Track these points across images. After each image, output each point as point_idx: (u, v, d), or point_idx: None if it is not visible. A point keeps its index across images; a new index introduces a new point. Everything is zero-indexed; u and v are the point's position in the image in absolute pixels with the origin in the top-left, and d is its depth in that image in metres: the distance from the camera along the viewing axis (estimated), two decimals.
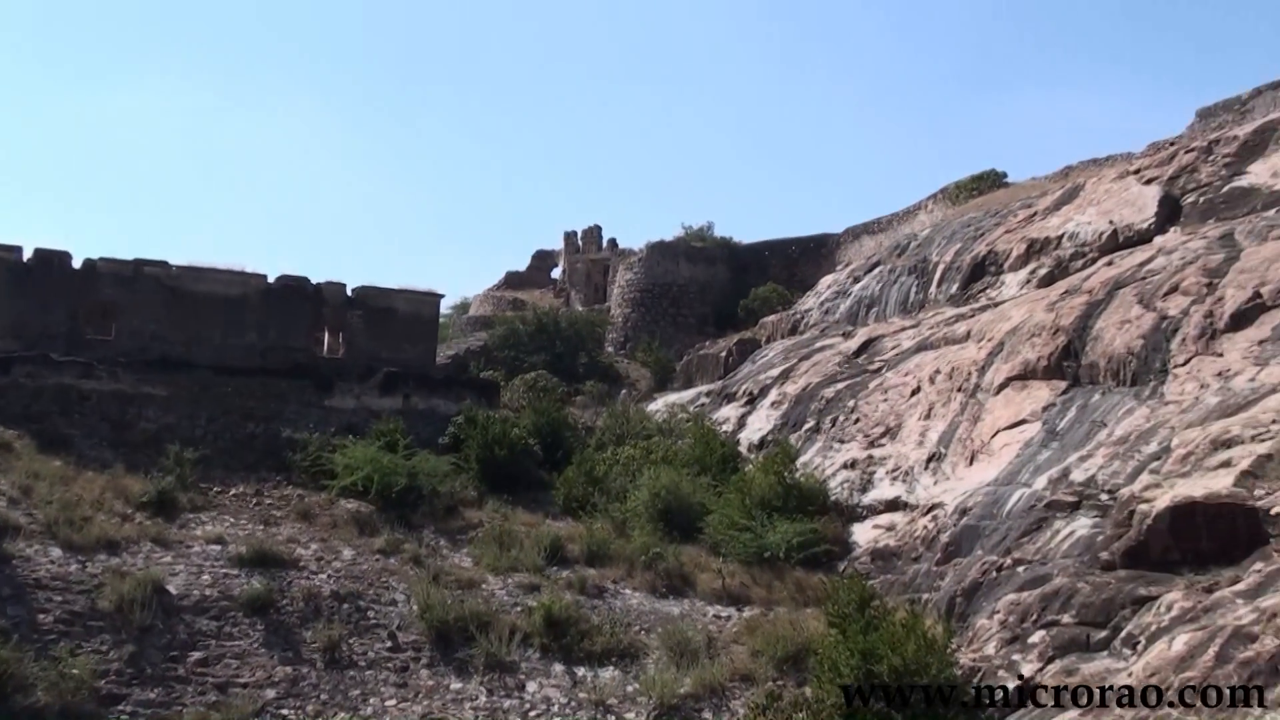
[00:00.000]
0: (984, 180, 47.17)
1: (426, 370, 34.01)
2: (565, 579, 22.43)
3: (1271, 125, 30.64)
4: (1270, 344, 19.63)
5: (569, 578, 22.49)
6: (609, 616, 20.92)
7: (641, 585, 22.60)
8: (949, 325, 30.39)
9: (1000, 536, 19.25)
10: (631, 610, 21.50)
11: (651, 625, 20.79)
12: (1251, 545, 14.33)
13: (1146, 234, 29.50)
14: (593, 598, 21.79)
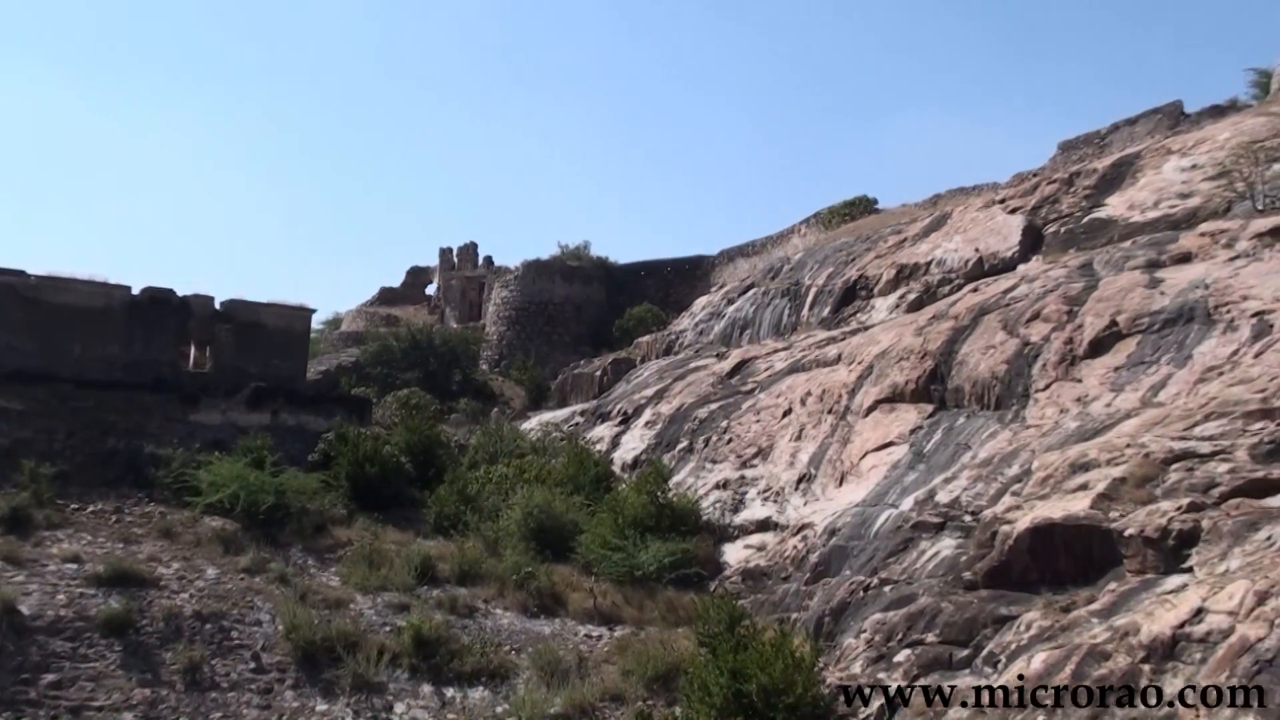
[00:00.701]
0: (856, 206, 48.19)
1: (296, 386, 33.31)
2: (436, 598, 22.11)
3: (1128, 159, 31.87)
4: (1125, 371, 20.33)
5: (439, 597, 22.17)
6: (479, 636, 20.66)
7: (513, 605, 22.39)
8: (820, 348, 30.86)
9: (868, 557, 19.53)
10: (502, 630, 21.27)
11: (522, 645, 20.59)
12: (1106, 566, 14.76)
13: (1011, 262, 30.39)
14: (463, 617, 21.49)
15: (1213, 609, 11.58)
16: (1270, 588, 11.14)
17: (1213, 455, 15.22)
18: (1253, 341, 18.59)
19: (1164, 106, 38.06)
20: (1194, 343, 19.72)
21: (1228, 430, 15.66)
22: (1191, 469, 15.15)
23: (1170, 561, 13.85)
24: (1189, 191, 28.00)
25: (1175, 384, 18.88)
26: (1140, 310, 21.46)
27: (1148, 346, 20.53)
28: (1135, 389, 19.51)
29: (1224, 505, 14.04)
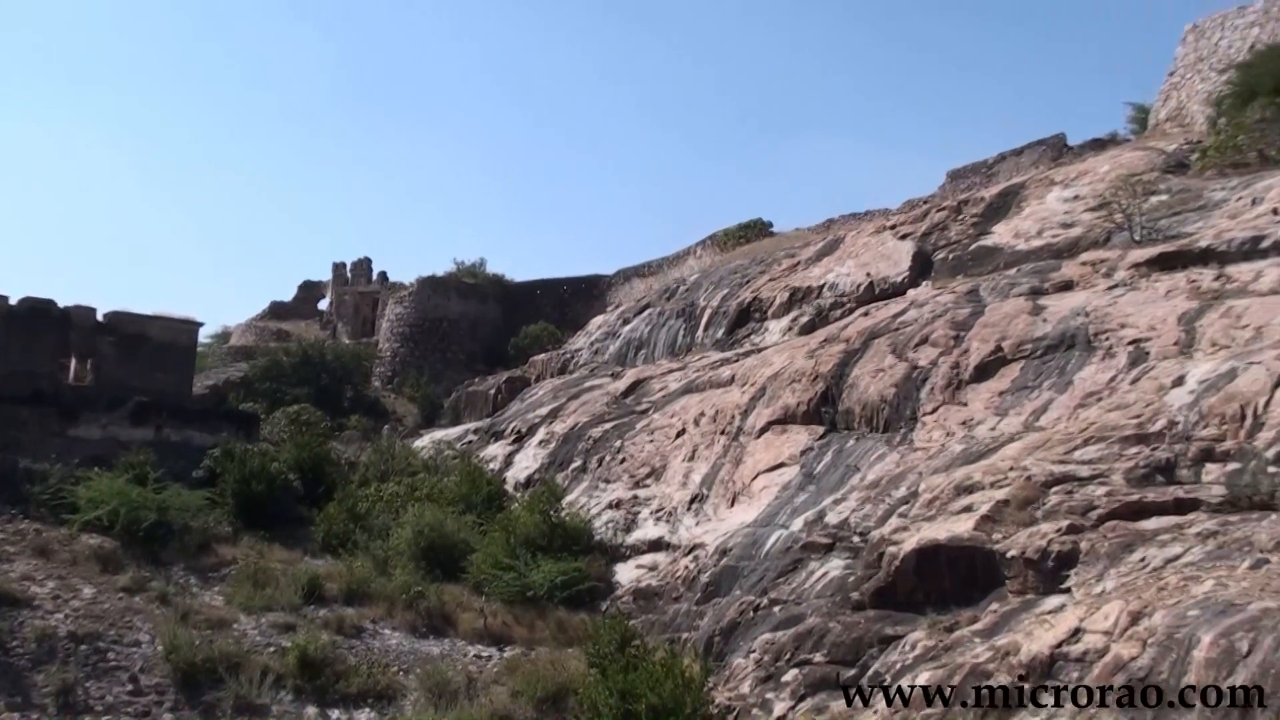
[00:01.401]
0: (751, 229, 48.69)
1: (182, 401, 32.53)
2: (323, 618, 21.71)
3: (1014, 189, 32.75)
4: (1010, 395, 20.82)
5: (326, 617, 21.78)
6: (366, 657, 20.34)
7: (402, 625, 22.09)
8: (714, 369, 31.08)
9: (758, 577, 19.67)
10: (390, 650, 20.96)
11: (410, 665, 20.31)
12: (989, 586, 15.07)
13: (901, 287, 30.97)
14: (350, 637, 21.14)
15: (1089, 629, 11.87)
16: (1143, 608, 11.47)
17: (1091, 479, 15.66)
18: (1129, 369, 19.19)
19: (1048, 139, 39.24)
20: (1074, 369, 20.29)
21: (1105, 454, 16.13)
22: (1071, 492, 15.57)
23: (1050, 582, 14.20)
24: (1071, 221, 28.85)
25: (1056, 409, 19.40)
26: (1024, 336, 22.02)
27: (1031, 372, 21.07)
28: (1018, 413, 20.00)
29: (1101, 528, 14.46)
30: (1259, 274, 20.74)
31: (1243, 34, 35.24)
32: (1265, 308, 18.92)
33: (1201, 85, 35.86)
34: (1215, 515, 13.84)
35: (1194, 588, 11.59)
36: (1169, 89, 37.79)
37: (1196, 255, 22.79)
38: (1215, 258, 22.34)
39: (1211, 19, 37.03)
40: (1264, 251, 21.70)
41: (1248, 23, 35.36)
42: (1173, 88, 37.59)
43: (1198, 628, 10.44)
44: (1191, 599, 11.22)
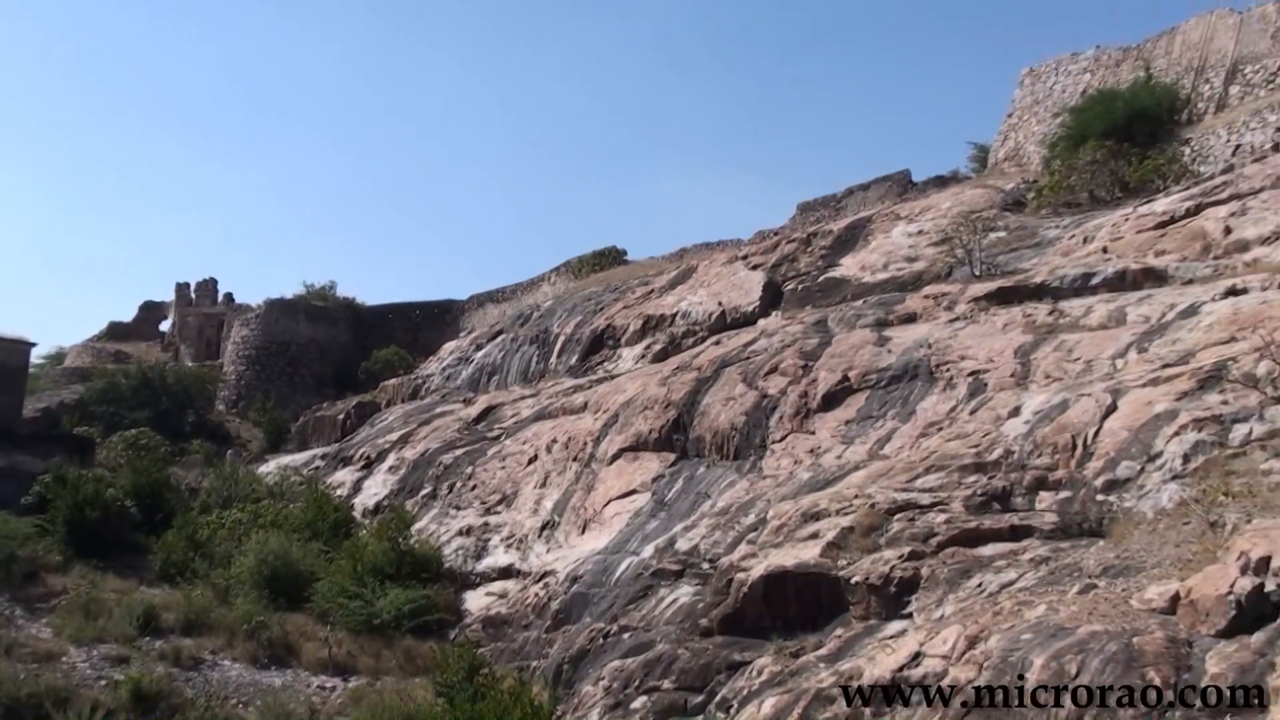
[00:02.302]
0: (605, 256, 48.99)
1: (11, 424, 31.23)
2: (159, 650, 20.94)
3: (861, 223, 33.66)
4: (855, 424, 21.31)
5: (163, 648, 21.01)
6: (205, 689, 19.66)
7: (242, 655, 21.44)
8: (567, 395, 31.09)
9: (608, 604, 19.66)
10: (230, 682, 20.30)
11: (251, 698, 19.69)
12: (834, 612, 15.32)
13: (752, 316, 31.48)
14: (188, 669, 20.42)
15: (929, 653, 12.14)
16: (980, 632, 11.78)
17: (932, 506, 16.06)
18: (969, 399, 19.82)
19: (894, 174, 40.47)
20: (917, 399, 20.87)
21: (945, 483, 16.58)
22: (913, 519, 15.94)
23: (892, 608, 14.50)
24: (915, 255, 29.74)
25: (900, 438, 19.91)
26: (870, 367, 22.57)
27: (876, 402, 21.60)
28: (864, 442, 20.46)
29: (941, 554, 14.83)
30: (1089, 309, 21.66)
31: (1075, 79, 36.94)
32: (1095, 342, 19.76)
33: (1037, 127, 37.43)
34: (1047, 542, 14.32)
35: (1027, 612, 11.95)
36: (1007, 130, 39.35)
37: (1032, 290, 23.69)
38: (1049, 293, 23.27)
39: (1046, 64, 38.75)
40: (1094, 288, 22.70)
41: (1080, 69, 37.08)
42: (1011, 129, 39.16)
43: (1030, 651, 10.76)
44: (1025, 623, 11.57)
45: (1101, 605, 11.45)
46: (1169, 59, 33.86)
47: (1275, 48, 30.52)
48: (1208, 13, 33.45)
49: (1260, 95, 30.08)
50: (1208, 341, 17.52)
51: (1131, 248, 24.02)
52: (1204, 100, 32.00)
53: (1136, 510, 13.98)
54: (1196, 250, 22.76)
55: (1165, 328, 19.23)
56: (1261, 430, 13.90)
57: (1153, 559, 12.35)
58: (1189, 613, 10.64)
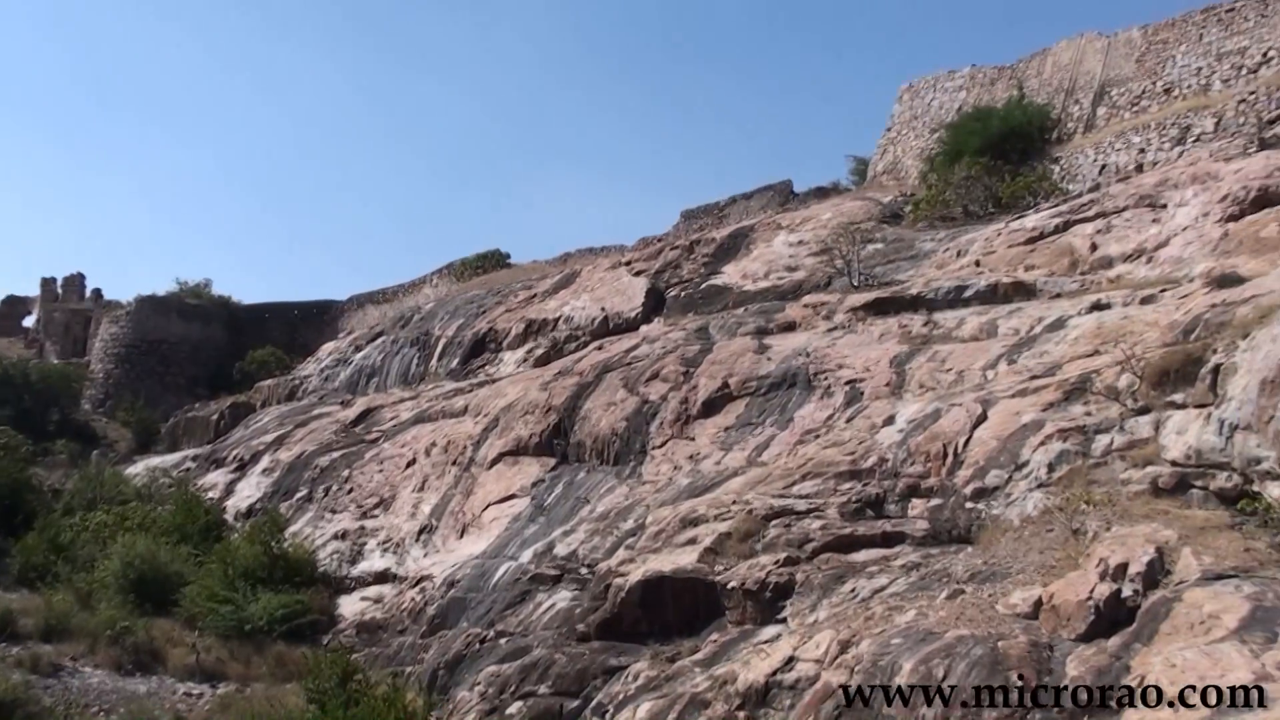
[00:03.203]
0: (489, 259, 48.77)
1: None
2: (15, 656, 20.17)
3: (744, 231, 34.05)
4: (735, 431, 21.53)
5: (20, 655, 20.24)
6: (64, 697, 18.95)
7: (105, 662, 20.76)
8: (448, 399, 30.83)
9: (485, 609, 19.54)
10: (91, 690, 19.64)
11: (113, 705, 19.08)
12: (710, 617, 15.44)
13: (634, 322, 31.62)
14: (47, 677, 19.70)
15: (802, 657, 12.32)
16: (852, 637, 12.00)
17: (808, 513, 16.30)
18: (845, 407, 20.18)
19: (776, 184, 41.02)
20: (795, 407, 21.18)
21: (821, 489, 16.84)
22: (789, 525, 16.15)
23: (767, 612, 14.68)
24: (796, 265, 30.18)
25: (778, 445, 20.18)
26: (749, 374, 22.82)
27: (755, 409, 21.86)
28: (743, 448, 20.69)
29: (816, 559, 15.07)
30: (962, 321, 22.21)
31: (952, 96, 37.88)
32: (967, 353, 20.27)
33: (915, 142, 38.28)
34: (919, 548, 14.65)
35: (898, 617, 12.21)
36: (886, 143, 40.16)
37: (908, 302, 24.21)
38: (925, 304, 23.80)
39: (924, 80, 39.66)
40: (967, 300, 23.29)
41: (956, 86, 38.04)
42: (890, 142, 39.98)
43: (900, 655, 10.99)
44: (895, 628, 11.81)
45: (969, 610, 11.75)
46: (1041, 79, 34.91)
47: (1140, 72, 31.68)
48: (1078, 35, 34.59)
49: (1125, 117, 31.19)
50: (1073, 354, 18.09)
51: (1003, 262, 24.71)
52: (1073, 120, 33.06)
53: (1004, 518, 14.37)
54: (1064, 266, 23.50)
55: (1034, 340, 19.81)
56: (1122, 441, 14.40)
57: (1018, 565, 12.70)
58: (1051, 617, 10.97)
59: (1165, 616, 9.92)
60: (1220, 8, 30.07)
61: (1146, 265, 22.00)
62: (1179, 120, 28.36)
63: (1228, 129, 26.35)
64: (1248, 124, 25.55)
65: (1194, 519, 11.97)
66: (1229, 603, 9.63)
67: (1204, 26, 30.32)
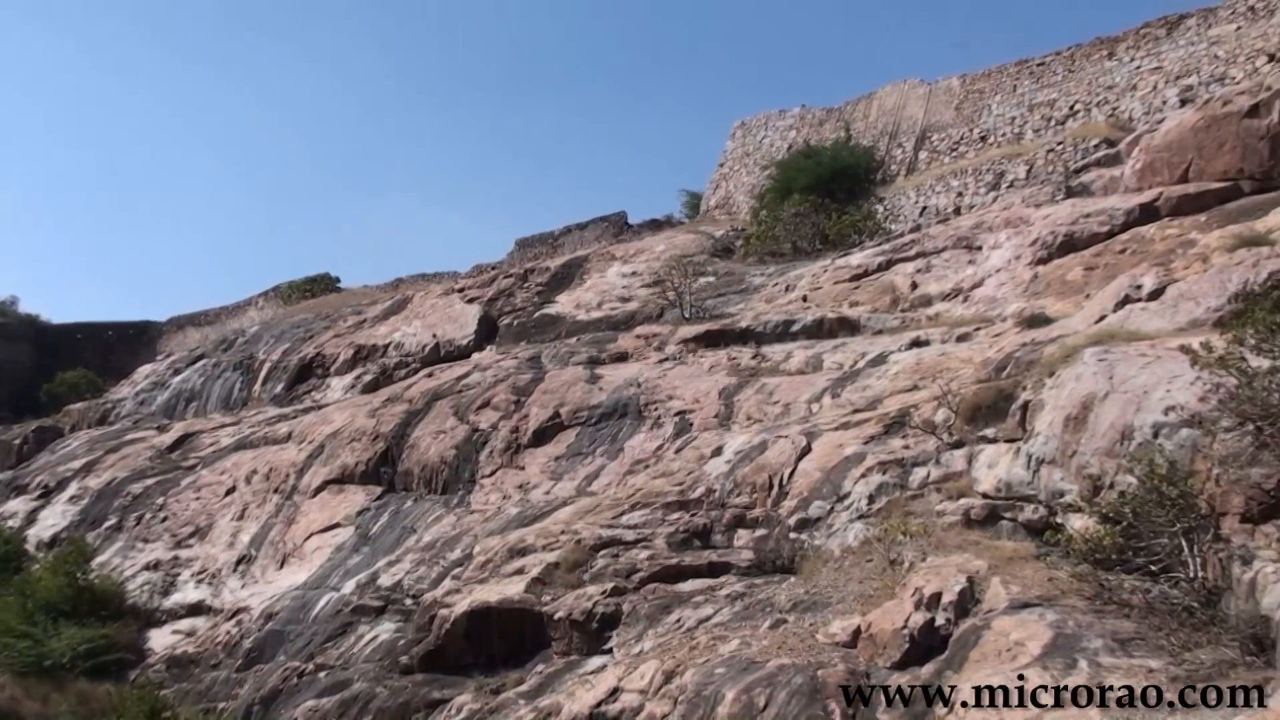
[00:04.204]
0: (318, 283, 47.78)
1: None
2: None
3: (578, 261, 34.19)
4: (565, 460, 21.51)
5: None
6: None
7: None
8: (271, 425, 29.99)
9: (305, 641, 19.02)
10: None
11: None
12: (537, 648, 15.38)
13: (466, 350, 31.35)
14: None
15: (627, 688, 12.34)
16: (676, 667, 12.07)
17: (636, 543, 16.38)
18: (675, 438, 20.37)
19: (610, 216, 41.35)
20: (626, 437, 21.29)
21: (650, 519, 16.94)
22: (617, 555, 16.20)
23: (594, 643, 14.68)
24: (629, 296, 30.42)
25: (608, 475, 20.24)
26: (581, 404, 22.86)
27: (586, 438, 21.89)
28: (572, 478, 20.68)
29: (643, 590, 15.15)
30: (789, 354, 22.70)
31: (783, 135, 38.84)
32: (793, 386, 20.71)
33: (747, 178, 39.09)
34: (744, 578, 14.86)
35: (722, 646, 12.34)
36: (719, 179, 40.90)
37: (738, 335, 24.63)
38: (754, 337, 24.26)
39: (757, 118, 40.59)
40: (794, 334, 23.84)
41: (787, 125, 39.03)
42: (722, 178, 40.73)
43: (723, 685, 11.11)
44: (719, 657, 11.94)
45: (790, 640, 11.95)
46: (867, 122, 36.08)
47: (959, 119, 33.03)
48: (901, 81, 35.90)
49: (945, 162, 32.46)
50: (894, 389, 18.66)
51: (829, 298, 25.37)
52: (897, 163, 34.24)
53: (825, 548, 14.69)
54: (887, 303, 24.26)
55: (857, 375, 20.36)
56: (938, 474, 14.89)
57: (838, 595, 13.00)
58: (869, 646, 11.24)
59: (975, 644, 10.27)
60: (1032, 61, 31.64)
61: (963, 304, 22.87)
62: (994, 166, 29.66)
63: (1038, 176, 27.66)
64: (1056, 172, 26.87)
65: (1003, 549, 12.44)
66: (1033, 630, 10.02)
67: (1017, 78, 31.84)
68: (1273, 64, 25.07)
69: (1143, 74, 28.58)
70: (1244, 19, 26.67)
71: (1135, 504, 10.69)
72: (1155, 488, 10.51)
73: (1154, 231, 20.87)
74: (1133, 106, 28.29)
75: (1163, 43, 28.43)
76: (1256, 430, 10.65)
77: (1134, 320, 15.95)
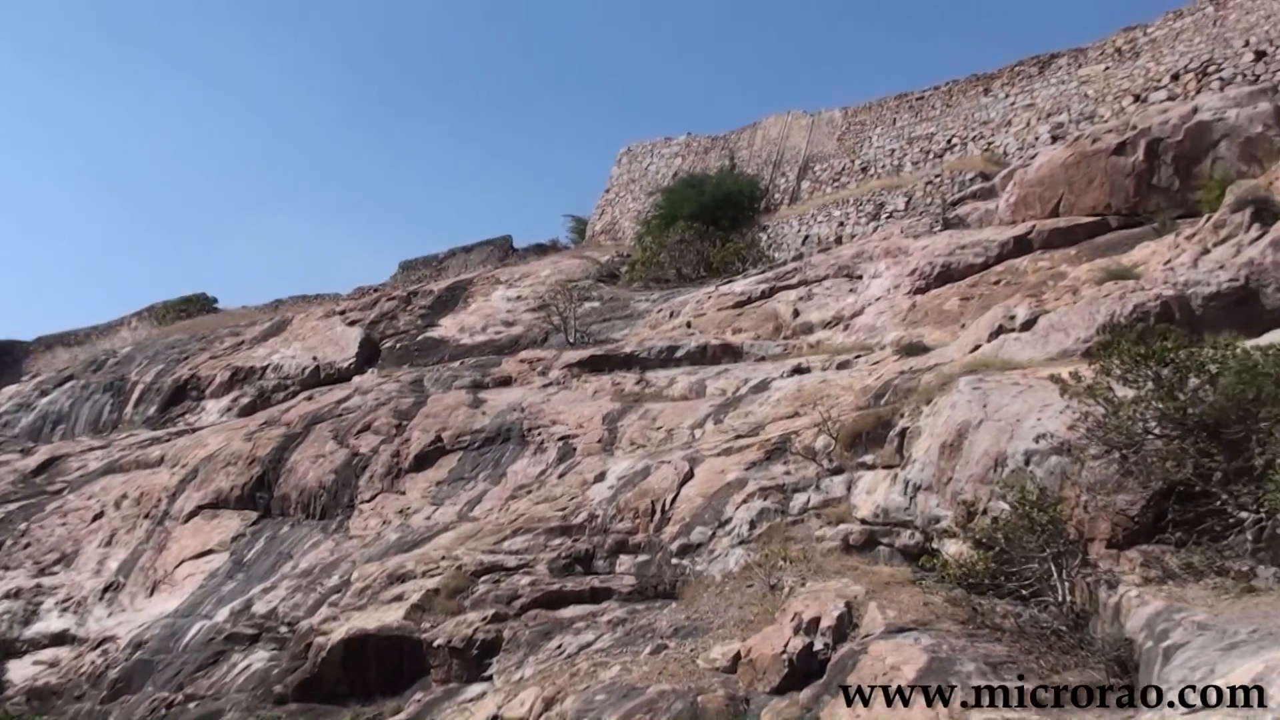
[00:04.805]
0: (194, 303, 46.72)
1: None
2: None
3: (462, 284, 33.99)
4: (447, 485, 21.28)
5: None
6: None
7: None
8: (143, 448, 29.14)
9: (175, 671, 18.46)
10: None
11: None
12: (415, 676, 15.12)
13: (347, 372, 30.87)
14: None
15: (506, 715, 12.22)
16: (557, 694, 11.99)
17: (518, 568, 16.26)
18: (558, 463, 20.31)
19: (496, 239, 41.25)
20: (509, 461, 21.16)
21: (532, 545, 16.84)
22: (498, 581, 16.06)
23: (474, 670, 14.51)
24: (513, 320, 30.32)
25: (490, 500, 20.08)
26: (464, 428, 22.66)
27: (468, 463, 21.70)
28: (454, 503, 20.47)
29: (524, 616, 15.03)
30: (673, 380, 22.83)
31: (668, 162, 39.19)
32: (677, 411, 20.82)
33: (633, 204, 39.33)
34: (625, 604, 14.84)
35: (602, 673, 12.30)
36: (605, 204, 41.08)
37: (622, 360, 24.69)
38: (638, 363, 24.34)
39: (642, 145, 40.90)
40: (678, 360, 23.98)
41: (673, 152, 39.40)
42: (608, 203, 40.91)
43: (603, 711, 11.06)
44: (600, 684, 11.89)
45: (671, 665, 11.96)
46: (751, 151, 36.61)
47: (840, 149, 33.71)
48: (785, 112, 36.56)
49: (827, 191, 33.08)
50: (776, 415, 18.87)
51: (713, 324, 25.60)
52: (780, 192, 34.78)
53: (707, 573, 14.75)
54: (770, 330, 24.57)
55: (739, 401, 20.55)
56: (818, 499, 15.08)
57: (719, 620, 13.06)
58: (748, 671, 11.30)
59: (852, 669, 10.39)
60: (911, 96, 32.47)
61: (844, 332, 23.27)
62: (874, 197, 30.30)
63: (917, 208, 28.35)
64: (934, 204, 27.57)
65: (880, 575, 12.63)
66: (909, 654, 10.18)
67: (897, 112, 32.63)
68: (1138, 104, 26.09)
69: (1016, 110, 29.51)
70: (1111, 60, 27.72)
71: (1007, 530, 10.98)
72: (1026, 514, 10.81)
73: (1027, 263, 21.53)
74: (1007, 142, 29.18)
75: (1035, 81, 29.40)
76: (1122, 458, 11.03)
77: (1007, 350, 16.39)
